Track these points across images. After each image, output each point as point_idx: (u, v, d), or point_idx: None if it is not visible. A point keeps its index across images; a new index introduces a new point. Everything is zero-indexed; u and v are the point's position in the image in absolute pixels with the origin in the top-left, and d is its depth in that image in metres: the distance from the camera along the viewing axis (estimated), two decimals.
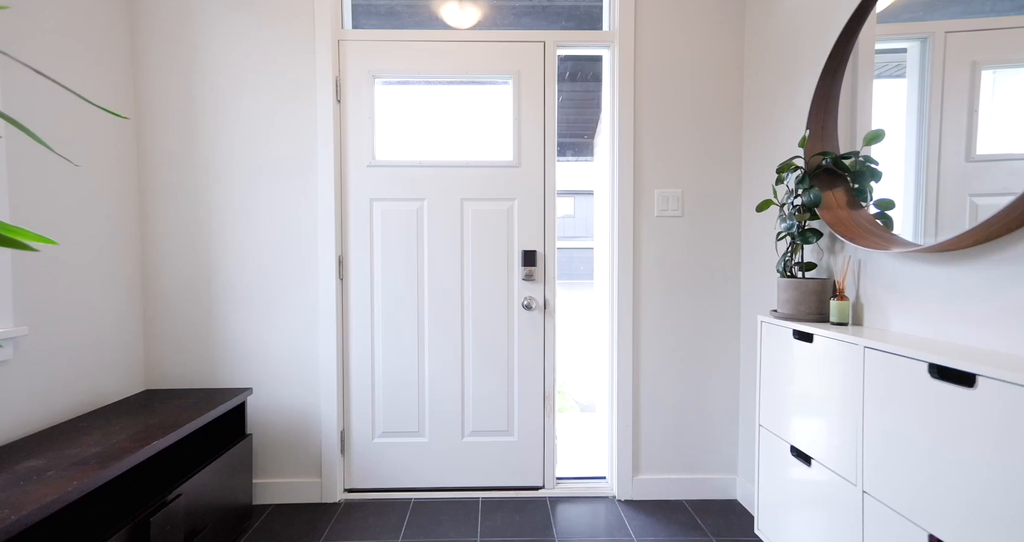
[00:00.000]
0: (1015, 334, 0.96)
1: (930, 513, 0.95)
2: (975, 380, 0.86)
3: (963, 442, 0.88)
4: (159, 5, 1.91)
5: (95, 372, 1.69)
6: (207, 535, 1.52)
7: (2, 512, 0.92)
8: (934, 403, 0.94)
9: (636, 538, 1.75)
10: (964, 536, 0.87)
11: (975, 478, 0.86)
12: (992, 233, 0.97)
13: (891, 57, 1.38)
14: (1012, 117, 1.01)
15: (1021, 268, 0.96)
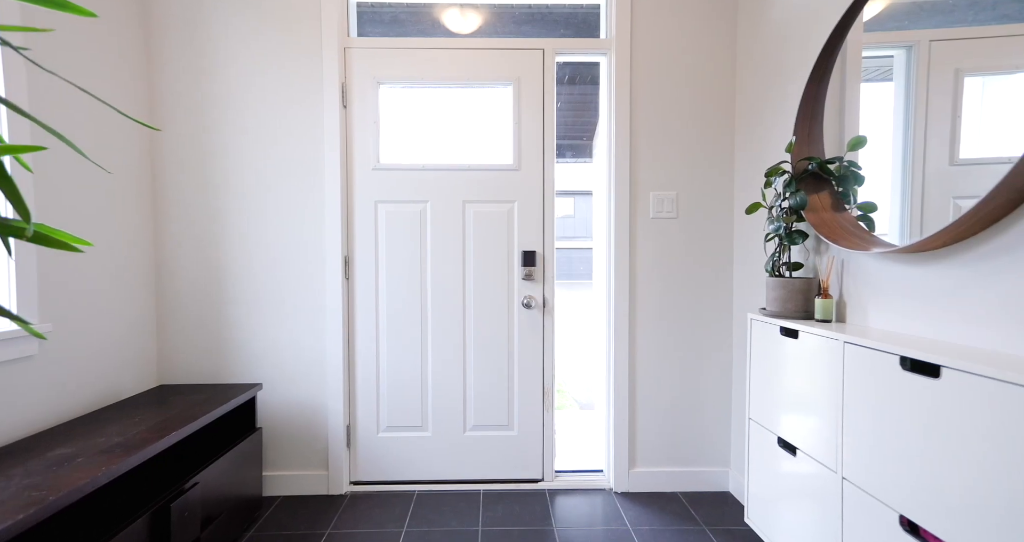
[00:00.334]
0: (979, 329, 1.04)
1: (901, 495, 1.02)
2: (940, 371, 0.93)
3: (930, 429, 0.95)
4: (172, 13, 1.98)
5: (112, 368, 1.76)
6: (221, 522, 1.60)
7: (40, 493, 0.99)
8: (905, 393, 1.01)
9: (631, 527, 1.82)
10: (930, 515, 0.94)
11: (940, 462, 0.93)
12: (959, 235, 1.04)
13: (879, 62, 1.44)
14: (993, 122, 1.07)
15: (984, 268, 1.03)
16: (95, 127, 1.70)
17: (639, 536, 1.76)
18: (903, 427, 1.02)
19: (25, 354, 1.41)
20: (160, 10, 1.97)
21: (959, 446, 0.89)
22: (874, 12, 1.44)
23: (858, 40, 1.49)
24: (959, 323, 1.08)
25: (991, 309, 1.01)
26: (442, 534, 1.77)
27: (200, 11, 1.99)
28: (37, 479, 1.07)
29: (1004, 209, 0.95)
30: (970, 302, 1.06)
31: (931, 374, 0.95)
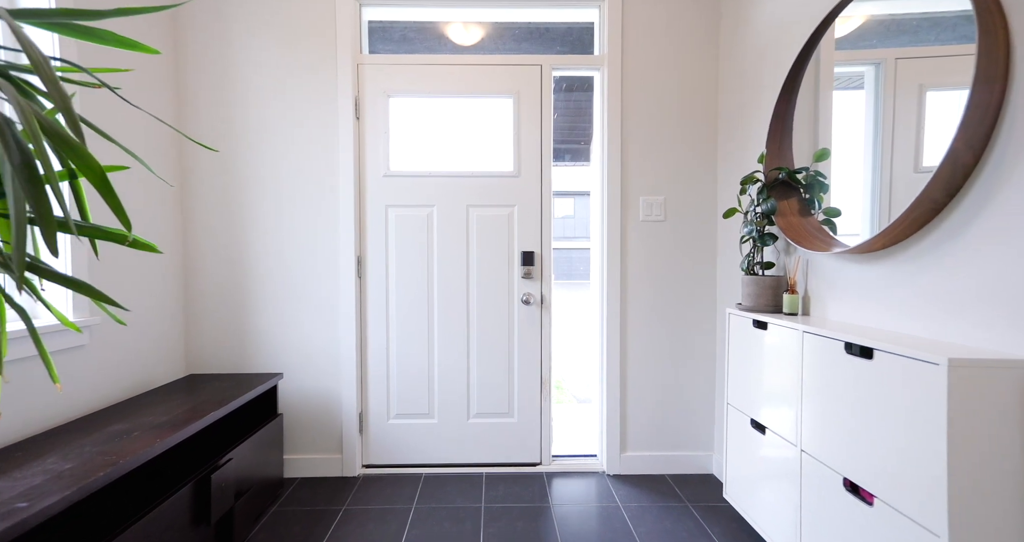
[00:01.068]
0: (908, 318, 1.21)
1: (844, 461, 1.19)
2: (873, 353, 1.11)
3: (865, 403, 1.12)
4: (200, 30, 2.15)
5: (147, 359, 1.93)
6: (250, 497, 1.77)
7: (111, 457, 1.17)
8: (848, 373, 1.18)
9: (621, 504, 1.99)
10: (866, 476, 1.12)
11: (873, 430, 1.10)
12: (894, 238, 1.22)
13: (852, 73, 1.58)
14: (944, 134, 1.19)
15: (911, 267, 1.20)
16: (134, 144, 1.88)
17: (628, 511, 1.94)
18: (846, 402, 1.19)
19: (78, 344, 1.58)
20: (188, 28, 2.15)
21: (886, 416, 1.06)
22: (847, 31, 1.57)
23: (830, 58, 1.65)
24: (895, 313, 1.25)
25: (916, 301, 1.18)
26: (448, 510, 1.95)
27: (226, 30, 2.16)
28: (105, 447, 1.24)
29: (926, 217, 1.13)
30: (902, 295, 1.23)
31: (866, 356, 1.12)
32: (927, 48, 1.36)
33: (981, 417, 0.91)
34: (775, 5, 1.83)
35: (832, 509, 1.24)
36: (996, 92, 0.98)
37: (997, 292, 1.00)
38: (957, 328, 1.08)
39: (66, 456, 1.19)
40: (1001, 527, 0.91)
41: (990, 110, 0.99)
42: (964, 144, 1.02)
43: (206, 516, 1.48)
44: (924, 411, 0.96)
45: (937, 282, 1.13)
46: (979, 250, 1.03)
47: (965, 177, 1.05)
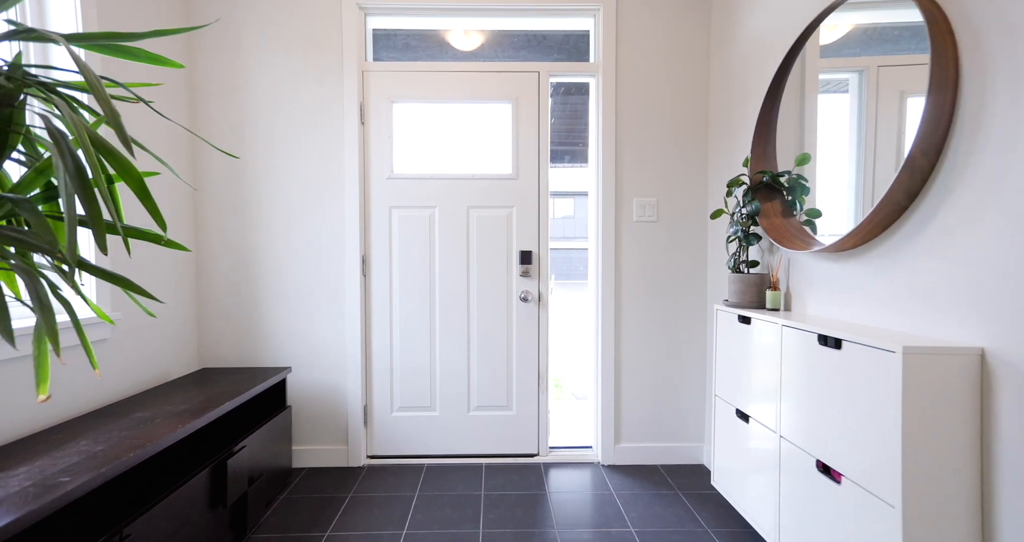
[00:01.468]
0: (875, 311, 1.30)
1: (817, 445, 1.29)
2: (842, 344, 1.20)
3: (835, 390, 1.22)
4: (212, 41, 2.25)
5: (163, 352, 2.03)
6: (262, 483, 1.87)
7: (138, 441, 1.26)
8: (822, 363, 1.28)
9: (614, 491, 2.09)
10: (836, 458, 1.21)
11: (843, 414, 1.20)
12: (864, 238, 1.31)
13: (838, 78, 1.66)
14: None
15: (878, 264, 1.30)
16: (154, 151, 1.98)
17: (620, 498, 2.03)
18: (819, 390, 1.28)
19: (102, 338, 1.68)
20: (201, 38, 2.25)
21: (853, 401, 1.16)
22: (832, 39, 1.65)
23: (815, 65, 1.74)
24: (867, 307, 1.35)
25: (884, 295, 1.28)
26: (450, 497, 2.04)
27: (236, 41, 2.26)
28: (132, 432, 1.34)
29: (890, 218, 1.22)
30: (872, 290, 1.33)
31: (836, 347, 1.22)
32: (908, 56, 1.45)
33: (932, 399, 1.01)
34: (759, 19, 1.93)
35: (806, 489, 1.34)
36: (948, 102, 1.08)
37: (948, 286, 1.09)
38: (918, 319, 1.18)
39: (97, 439, 1.29)
40: (949, 496, 1.01)
41: (943, 120, 1.09)
42: (920, 152, 1.11)
43: (222, 499, 1.57)
44: (883, 395, 1.06)
45: (901, 278, 1.23)
46: (933, 249, 1.13)
47: (923, 181, 1.14)
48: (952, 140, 1.09)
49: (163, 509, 1.29)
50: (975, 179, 1.04)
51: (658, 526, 1.82)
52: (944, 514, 1.01)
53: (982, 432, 1.01)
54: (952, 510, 1.01)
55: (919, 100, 1.32)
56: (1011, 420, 0.96)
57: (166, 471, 1.56)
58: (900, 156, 1.35)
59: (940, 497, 1.01)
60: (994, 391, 0.99)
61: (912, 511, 1.01)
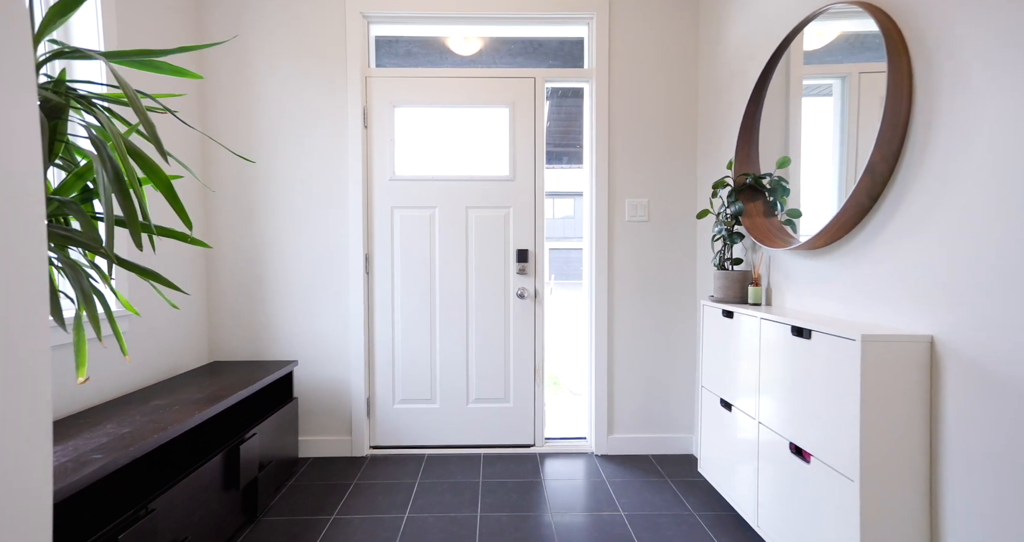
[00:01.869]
0: (844, 304, 1.40)
1: (791, 428, 1.39)
2: (811, 334, 1.30)
3: (805, 376, 1.32)
4: (221, 48, 2.35)
5: (176, 345, 2.13)
6: (271, 470, 1.97)
7: (160, 424, 1.36)
8: (795, 352, 1.38)
9: (607, 479, 2.19)
10: (806, 440, 1.31)
11: (813, 399, 1.30)
12: (832, 237, 1.41)
13: (822, 83, 1.74)
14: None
15: (846, 261, 1.40)
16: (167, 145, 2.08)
17: (612, 485, 2.13)
18: (793, 377, 1.38)
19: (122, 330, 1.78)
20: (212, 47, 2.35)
21: (820, 386, 1.26)
22: (819, 45, 1.73)
23: (799, 72, 1.84)
24: (836, 300, 1.45)
25: (852, 289, 1.38)
26: (449, 484, 2.14)
27: (244, 48, 2.36)
28: (153, 417, 1.44)
29: (856, 218, 1.32)
30: (840, 285, 1.43)
31: (806, 337, 1.32)
32: (885, 64, 1.55)
33: (887, 382, 1.11)
34: (742, 28, 2.03)
35: (781, 470, 1.44)
36: (903, 111, 1.18)
37: (905, 280, 1.19)
38: (880, 311, 1.28)
39: (122, 423, 1.39)
40: (902, 470, 1.11)
41: (898, 128, 1.19)
42: (880, 157, 1.21)
43: (235, 482, 1.67)
44: (845, 379, 1.16)
45: (866, 273, 1.33)
46: (892, 246, 1.23)
47: (883, 185, 1.24)
48: (907, 146, 1.19)
49: (183, 488, 1.39)
50: (926, 183, 1.14)
51: (647, 510, 1.92)
52: (897, 486, 1.11)
53: (931, 411, 1.11)
54: (904, 482, 1.11)
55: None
56: (956, 400, 1.06)
57: (183, 456, 1.66)
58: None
59: (894, 471, 1.11)
60: (942, 374, 1.09)
61: (869, 484, 1.11)
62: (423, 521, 1.84)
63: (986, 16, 1.00)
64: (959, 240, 1.06)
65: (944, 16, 1.10)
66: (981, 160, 1.01)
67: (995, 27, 0.98)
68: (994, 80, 0.99)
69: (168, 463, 1.60)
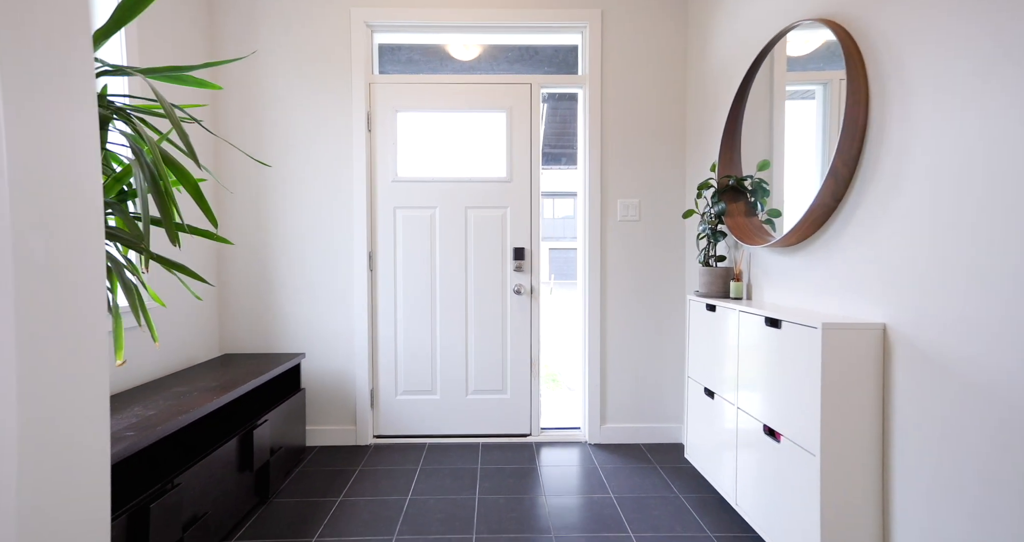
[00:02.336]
0: (812, 297, 1.52)
1: (765, 411, 1.50)
2: (781, 324, 1.42)
3: (778, 363, 1.44)
4: (234, 54, 2.47)
5: (190, 338, 2.25)
6: (281, 455, 2.08)
7: (183, 408, 1.48)
8: (769, 341, 1.50)
9: (599, 466, 2.31)
10: (778, 421, 1.43)
11: (783, 383, 1.41)
12: (802, 236, 1.53)
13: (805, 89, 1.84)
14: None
15: (814, 258, 1.51)
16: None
17: (604, 471, 2.25)
18: (766, 364, 1.50)
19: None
20: (223, 55, 2.47)
21: (789, 371, 1.37)
22: (804, 52, 1.83)
23: (783, 78, 1.95)
24: (807, 293, 1.57)
25: (820, 283, 1.50)
26: (449, 470, 2.26)
27: (255, 56, 2.48)
28: (175, 402, 1.56)
29: (822, 218, 1.44)
30: (811, 279, 1.54)
31: (778, 327, 1.44)
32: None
33: (845, 365, 1.23)
34: (727, 38, 2.14)
35: (756, 451, 1.55)
36: (860, 119, 1.30)
37: (863, 274, 1.31)
38: (843, 302, 1.39)
39: (147, 406, 1.51)
40: (857, 444, 1.23)
41: (857, 135, 1.30)
42: (841, 162, 1.33)
43: (249, 464, 1.79)
44: (809, 364, 1.28)
45: (831, 268, 1.45)
46: (852, 243, 1.35)
47: (845, 187, 1.36)
48: (864, 152, 1.31)
49: (203, 467, 1.51)
50: (879, 186, 1.25)
51: (635, 493, 2.04)
52: (853, 458, 1.23)
53: (884, 390, 1.23)
54: (859, 454, 1.23)
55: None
56: (903, 380, 1.18)
57: (200, 441, 1.78)
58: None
59: (850, 444, 1.22)
60: (893, 358, 1.21)
61: (828, 457, 1.22)
62: (425, 502, 1.96)
63: (923, 33, 1.12)
64: (904, 238, 1.17)
65: (891, 32, 1.22)
66: (920, 165, 1.13)
67: (931, 41, 1.10)
68: (932, 91, 1.10)
69: (186, 447, 1.72)
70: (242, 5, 2.47)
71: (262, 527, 1.77)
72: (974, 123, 1.01)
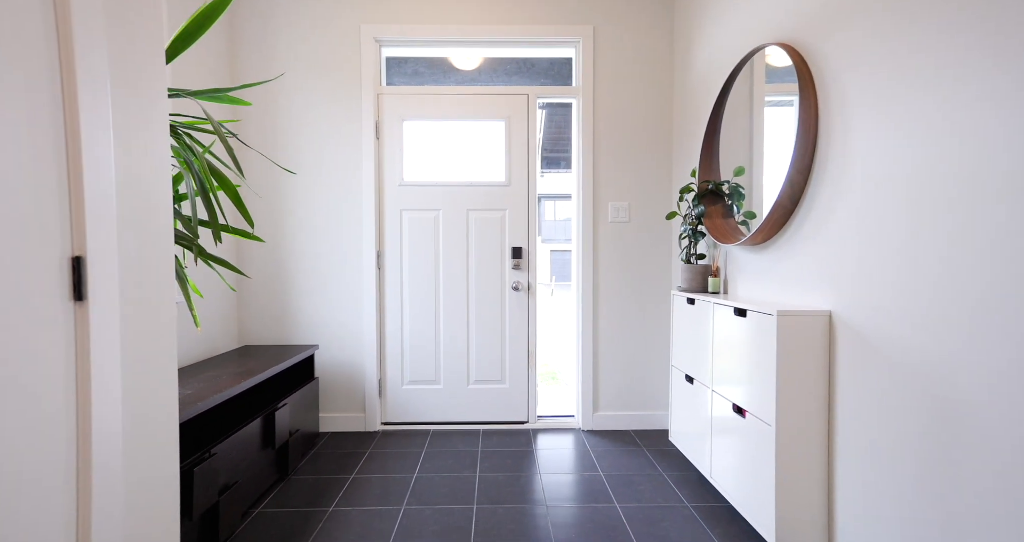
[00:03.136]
0: (781, 290, 1.71)
1: (734, 391, 1.69)
2: (747, 313, 1.60)
3: (744, 348, 1.62)
4: (252, 68, 2.66)
5: (213, 331, 2.44)
6: (298, 437, 2.27)
7: (219, 387, 1.67)
8: (739, 329, 1.68)
9: (590, 449, 2.49)
10: (744, 399, 1.61)
11: (748, 365, 1.60)
12: (766, 235, 1.72)
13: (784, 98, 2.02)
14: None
15: (777, 255, 1.70)
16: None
17: (595, 453, 2.43)
18: (735, 350, 1.69)
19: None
20: (244, 68, 2.66)
21: (752, 354, 1.56)
22: (782, 64, 2.01)
23: (761, 90, 2.13)
24: (773, 286, 1.75)
25: (781, 277, 1.68)
26: (452, 453, 2.45)
27: (271, 67, 2.67)
28: (209, 383, 1.75)
29: (783, 219, 1.63)
30: (774, 274, 1.73)
31: (744, 316, 1.62)
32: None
33: (797, 347, 1.41)
34: (707, 53, 2.33)
35: (727, 428, 1.74)
36: (811, 133, 1.48)
37: (814, 269, 1.49)
38: (800, 294, 1.58)
39: (185, 387, 1.70)
40: (807, 415, 1.41)
41: (808, 147, 1.49)
42: (796, 170, 1.52)
43: (271, 442, 1.98)
44: (767, 347, 1.46)
45: (790, 264, 1.63)
46: (806, 242, 1.53)
47: (800, 192, 1.55)
48: (815, 161, 1.49)
49: (233, 441, 1.70)
50: (825, 193, 1.44)
51: (623, 471, 2.22)
52: (804, 427, 1.41)
53: (829, 368, 1.42)
54: (809, 423, 1.41)
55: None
56: (845, 359, 1.36)
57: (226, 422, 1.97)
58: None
59: (801, 415, 1.41)
60: (836, 341, 1.39)
61: (782, 426, 1.41)
62: (430, 479, 2.14)
63: (857, 59, 1.31)
64: (845, 237, 1.36)
65: (833, 57, 1.40)
66: (856, 172, 1.32)
67: (864, 65, 1.29)
68: (866, 109, 1.29)
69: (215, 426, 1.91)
70: (259, 24, 2.67)
71: (284, 498, 1.96)
72: (897, 136, 1.20)
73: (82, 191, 0.76)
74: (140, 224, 0.93)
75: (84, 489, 0.79)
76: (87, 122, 0.77)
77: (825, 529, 1.43)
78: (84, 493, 0.79)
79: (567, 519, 1.82)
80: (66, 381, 0.76)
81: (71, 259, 0.76)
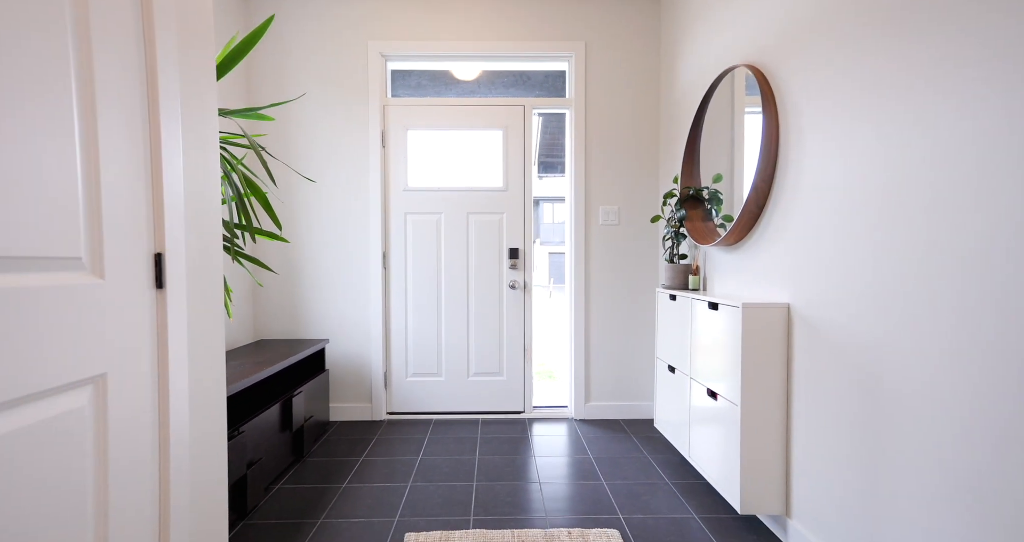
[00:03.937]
0: (748, 286, 1.90)
1: (708, 378, 1.88)
2: (718, 307, 1.79)
3: (716, 338, 1.81)
4: (266, 82, 2.86)
5: (232, 326, 2.63)
6: (312, 423, 2.46)
7: (242, 374, 1.86)
8: (712, 321, 1.87)
9: (582, 435, 2.68)
10: (717, 384, 1.80)
11: (719, 353, 1.79)
12: (738, 236, 1.91)
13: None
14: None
15: (748, 254, 1.89)
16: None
17: (585, 439, 2.62)
18: (709, 340, 1.88)
19: None
20: (259, 83, 2.85)
21: (722, 344, 1.75)
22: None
23: (742, 102, 2.32)
24: (744, 283, 1.94)
25: (751, 275, 1.88)
26: (453, 439, 2.63)
27: (284, 81, 2.87)
28: (234, 371, 1.93)
29: (751, 223, 1.82)
30: (745, 272, 1.92)
31: (716, 309, 1.81)
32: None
33: (759, 336, 1.60)
34: (686, 74, 2.53)
35: (701, 410, 1.93)
36: (773, 146, 1.68)
37: (776, 267, 1.69)
38: (766, 289, 1.77)
39: None
40: (768, 395, 1.60)
41: (770, 159, 1.68)
42: (761, 179, 1.71)
43: (289, 425, 2.17)
44: (734, 336, 1.65)
45: (758, 262, 1.82)
46: (769, 244, 1.73)
47: (765, 199, 1.74)
48: (777, 170, 1.69)
49: (257, 422, 1.89)
50: (784, 197, 1.63)
51: (611, 455, 2.41)
52: (765, 406, 1.60)
53: (787, 354, 1.61)
54: (770, 401, 1.60)
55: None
56: (799, 345, 1.55)
57: (247, 408, 2.15)
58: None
59: (763, 395, 1.60)
60: (793, 329, 1.59)
61: (747, 407, 1.60)
62: (433, 461, 2.33)
63: (808, 79, 1.50)
64: (798, 238, 1.55)
65: (789, 77, 1.60)
66: (808, 180, 1.51)
67: (813, 84, 1.48)
68: (814, 123, 1.48)
69: (238, 410, 2.09)
70: (274, 41, 2.86)
71: (301, 476, 2.14)
72: (838, 153, 1.39)
73: (162, 199, 0.95)
74: (200, 227, 1.12)
75: (164, 446, 0.97)
76: (166, 144, 0.96)
77: (783, 497, 1.62)
78: (164, 450, 0.97)
79: (558, 493, 2.00)
80: (151, 352, 0.95)
81: (154, 255, 0.95)
